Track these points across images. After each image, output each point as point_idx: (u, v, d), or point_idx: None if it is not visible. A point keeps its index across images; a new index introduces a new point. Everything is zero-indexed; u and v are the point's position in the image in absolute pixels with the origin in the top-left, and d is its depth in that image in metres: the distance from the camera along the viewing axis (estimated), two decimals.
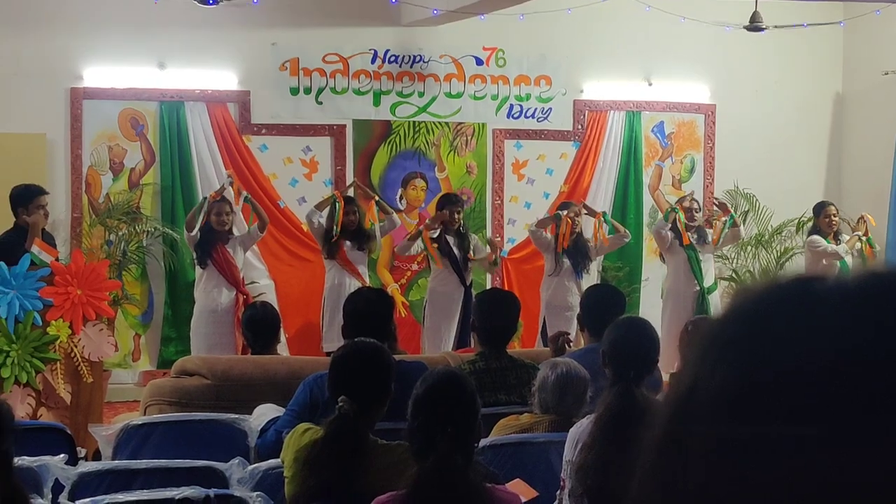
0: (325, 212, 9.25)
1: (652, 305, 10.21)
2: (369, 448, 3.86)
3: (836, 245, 9.62)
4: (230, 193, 9.26)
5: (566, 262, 9.31)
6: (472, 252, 9.23)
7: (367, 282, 8.99)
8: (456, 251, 9.13)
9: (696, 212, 9.59)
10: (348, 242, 9.06)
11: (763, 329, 0.63)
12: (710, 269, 9.48)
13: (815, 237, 9.74)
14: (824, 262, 9.57)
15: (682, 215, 9.53)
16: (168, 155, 10.22)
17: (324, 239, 9.14)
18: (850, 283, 0.64)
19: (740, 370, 0.62)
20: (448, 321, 9.11)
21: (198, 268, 9.09)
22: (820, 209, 9.88)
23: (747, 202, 11.18)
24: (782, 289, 0.65)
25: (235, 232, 9.11)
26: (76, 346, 7.29)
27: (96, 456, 5.45)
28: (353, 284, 8.54)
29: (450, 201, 9.37)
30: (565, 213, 9.36)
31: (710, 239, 9.59)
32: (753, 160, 11.19)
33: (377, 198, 9.67)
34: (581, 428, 4.23)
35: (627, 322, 4.73)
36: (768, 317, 0.64)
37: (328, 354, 8.54)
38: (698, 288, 9.27)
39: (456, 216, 9.20)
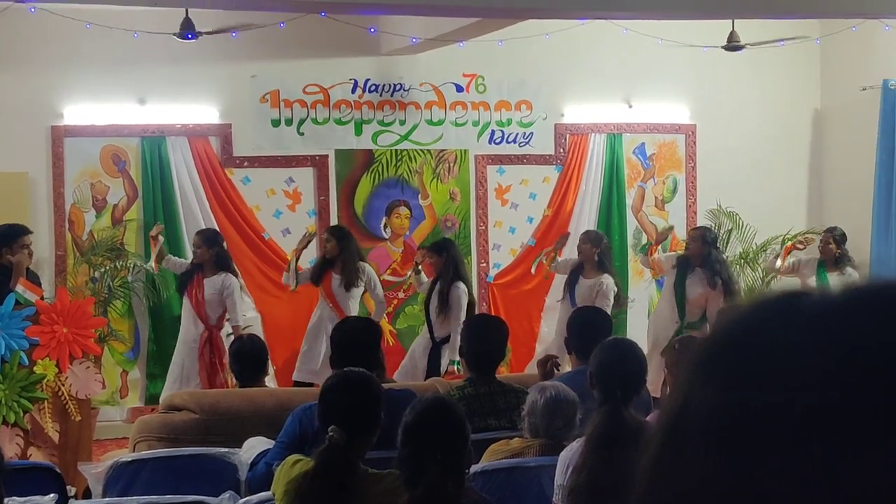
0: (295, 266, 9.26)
1: (638, 327, 10.22)
2: (360, 477, 3.85)
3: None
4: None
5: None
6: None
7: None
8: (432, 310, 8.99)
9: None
10: (336, 276, 8.95)
11: (750, 346, 0.63)
12: (698, 303, 9.26)
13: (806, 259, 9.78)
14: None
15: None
16: (150, 190, 10.22)
17: (312, 271, 9.11)
18: (834, 296, 0.64)
19: (729, 390, 0.62)
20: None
21: None
22: (824, 235, 9.78)
23: (730, 221, 11.22)
24: (768, 305, 0.66)
25: (222, 276, 8.95)
26: (63, 385, 7.26)
27: (86, 494, 5.42)
28: (334, 320, 8.38)
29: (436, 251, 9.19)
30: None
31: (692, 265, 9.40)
32: (735, 178, 11.23)
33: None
34: (571, 451, 4.23)
35: (614, 344, 4.74)
36: (755, 334, 0.64)
37: (296, 384, 8.58)
38: (678, 323, 9.19)
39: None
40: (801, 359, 0.61)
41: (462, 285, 8.87)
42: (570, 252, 9.82)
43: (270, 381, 8.46)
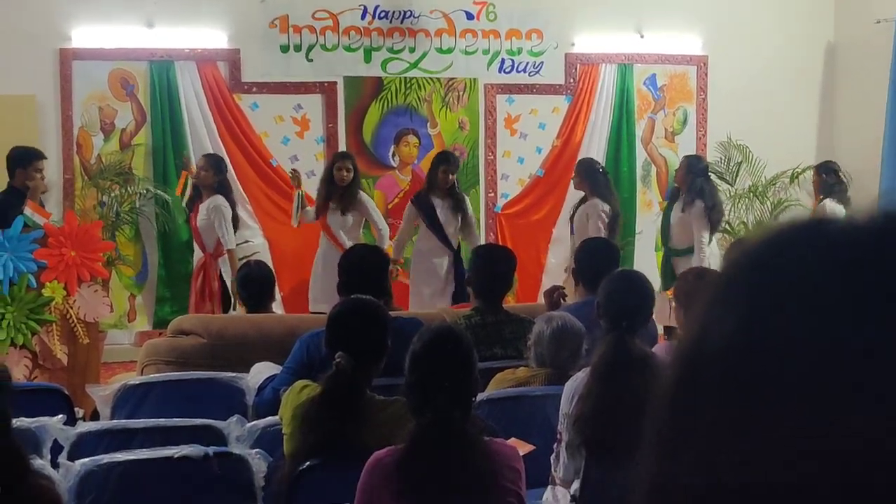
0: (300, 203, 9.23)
1: (646, 259, 10.22)
2: (367, 404, 3.87)
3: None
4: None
5: None
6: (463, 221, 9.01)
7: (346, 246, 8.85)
8: (442, 214, 8.97)
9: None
10: (333, 205, 8.92)
11: (773, 274, 0.62)
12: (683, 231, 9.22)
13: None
14: None
15: None
16: (159, 115, 10.18)
17: (317, 198, 9.08)
18: (861, 222, 0.63)
19: (751, 319, 0.61)
20: (430, 285, 9.00)
21: None
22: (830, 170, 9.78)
23: (740, 153, 11.17)
24: (791, 231, 0.64)
25: (212, 198, 8.95)
26: (71, 308, 7.30)
27: (94, 416, 5.47)
28: (333, 252, 8.37)
29: (442, 160, 9.20)
30: None
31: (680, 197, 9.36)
32: (746, 111, 11.16)
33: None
34: (577, 381, 4.25)
35: (622, 275, 4.74)
36: (778, 261, 0.63)
37: (314, 314, 8.59)
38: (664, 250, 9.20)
39: (450, 177, 9.02)
40: (828, 286, 0.60)
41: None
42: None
43: (278, 308, 8.48)
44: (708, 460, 0.60)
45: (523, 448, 4.07)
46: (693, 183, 9.16)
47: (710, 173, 9.56)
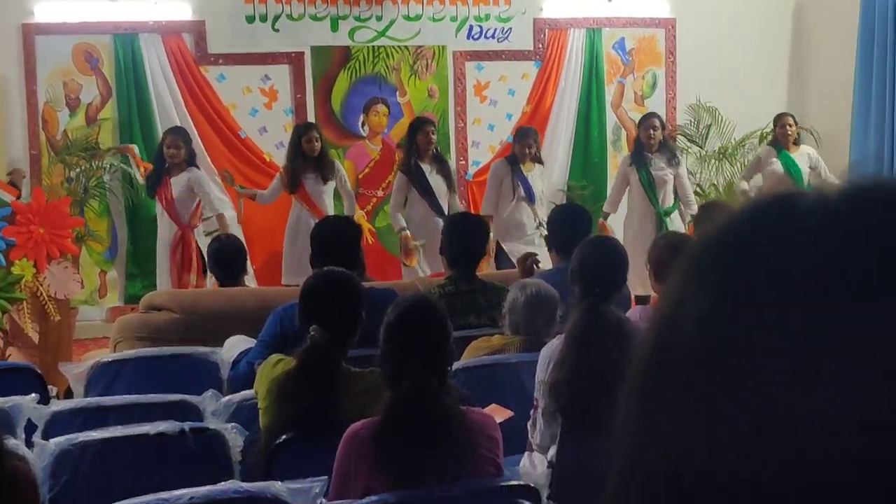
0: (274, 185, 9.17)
1: (618, 223, 10.21)
2: (342, 376, 3.86)
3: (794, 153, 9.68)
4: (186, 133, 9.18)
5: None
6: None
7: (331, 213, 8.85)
8: (432, 180, 8.92)
9: (655, 130, 9.41)
10: (310, 175, 8.87)
11: (745, 249, 0.61)
12: (670, 189, 9.31)
13: (760, 152, 9.85)
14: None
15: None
16: (124, 89, 10.09)
17: (287, 175, 8.97)
18: (832, 195, 0.62)
19: (724, 296, 0.60)
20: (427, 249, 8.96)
21: None
22: (777, 120, 9.88)
23: (710, 116, 11.18)
24: (763, 206, 0.63)
25: (188, 170, 8.90)
26: (41, 285, 7.24)
27: (68, 394, 5.44)
28: (313, 221, 8.35)
29: (423, 122, 9.17)
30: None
31: (677, 157, 9.49)
32: (715, 73, 11.15)
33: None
34: (552, 347, 4.26)
35: (596, 241, 4.76)
36: (750, 236, 0.62)
37: (287, 286, 8.55)
38: (655, 211, 9.22)
39: (433, 138, 9.00)
40: (798, 257, 0.59)
41: None
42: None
43: (250, 281, 8.45)
44: (677, 444, 0.59)
45: (501, 414, 4.08)
46: (664, 140, 9.30)
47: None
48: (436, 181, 8.86)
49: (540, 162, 9.35)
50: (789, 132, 9.68)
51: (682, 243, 5.68)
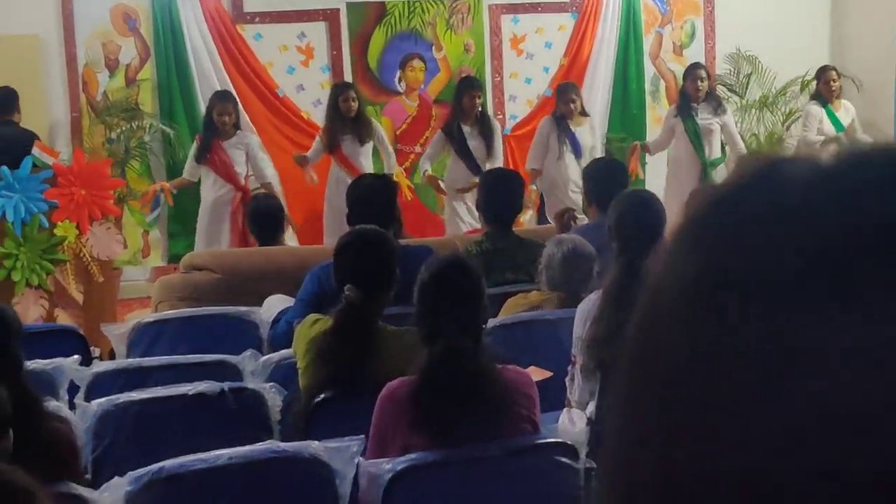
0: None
1: (657, 175, 10.16)
2: (378, 335, 3.88)
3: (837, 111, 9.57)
4: None
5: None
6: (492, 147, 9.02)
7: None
8: (472, 142, 8.93)
9: (703, 80, 9.37)
10: (347, 136, 8.87)
11: (735, 213, 0.60)
12: (716, 140, 9.29)
13: (811, 109, 9.71)
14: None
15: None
16: (163, 50, 10.12)
17: (326, 135, 8.97)
18: (825, 162, 0.60)
19: (711, 259, 0.59)
20: (467, 209, 8.96)
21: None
22: (820, 74, 9.76)
23: (750, 65, 11.06)
24: (756, 170, 0.62)
25: (239, 135, 8.91)
26: (84, 246, 7.31)
27: (112, 355, 5.50)
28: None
29: (468, 86, 9.15)
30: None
31: (723, 105, 9.46)
32: (755, 21, 11.00)
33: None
34: (590, 303, 4.24)
35: (632, 196, 4.72)
36: (741, 200, 0.61)
37: (326, 246, 8.57)
38: (701, 162, 9.16)
39: (478, 101, 9.00)
40: (783, 226, 0.58)
41: None
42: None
43: (291, 241, 8.49)
44: (661, 422, 0.59)
45: (540, 375, 4.09)
46: (710, 90, 9.35)
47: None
48: (476, 144, 8.85)
49: (585, 114, 9.31)
50: (833, 87, 9.57)
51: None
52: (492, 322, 4.33)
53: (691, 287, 0.59)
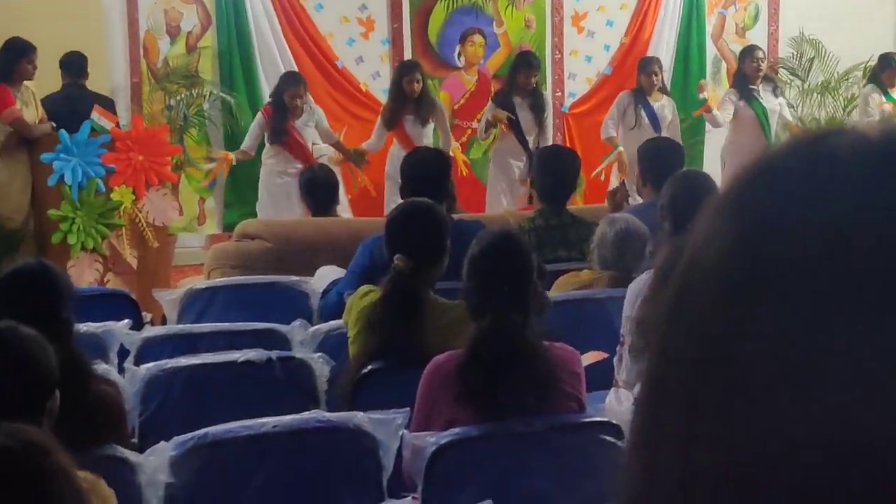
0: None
1: (715, 159, 10.07)
2: (429, 306, 3.88)
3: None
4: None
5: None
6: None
7: None
8: (522, 116, 8.90)
9: (762, 61, 9.32)
10: (410, 116, 8.84)
11: (776, 188, 0.59)
12: (776, 121, 9.26)
13: (870, 93, 9.56)
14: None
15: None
16: (224, 18, 10.15)
17: (388, 113, 8.93)
18: (872, 136, 0.59)
19: (742, 234, 0.59)
20: (506, 184, 9.01)
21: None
22: (885, 63, 9.60)
23: (813, 48, 10.90)
24: (799, 144, 0.61)
25: (308, 112, 8.86)
26: (140, 212, 7.38)
27: (163, 321, 5.55)
28: None
29: (524, 63, 9.14)
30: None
31: (780, 87, 9.41)
32: (818, 5, 10.84)
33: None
34: (640, 283, 4.21)
35: (686, 176, 4.68)
36: (782, 175, 0.60)
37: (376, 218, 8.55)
38: (767, 143, 9.07)
39: (532, 80, 8.98)
40: (826, 198, 0.56)
41: None
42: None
43: (345, 212, 8.50)
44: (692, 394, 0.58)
45: (595, 358, 4.07)
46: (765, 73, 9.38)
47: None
48: (524, 115, 8.83)
49: (665, 91, 9.27)
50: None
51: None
52: None
53: (726, 261, 0.59)
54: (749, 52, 9.44)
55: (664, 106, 9.14)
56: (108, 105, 8.14)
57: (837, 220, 0.56)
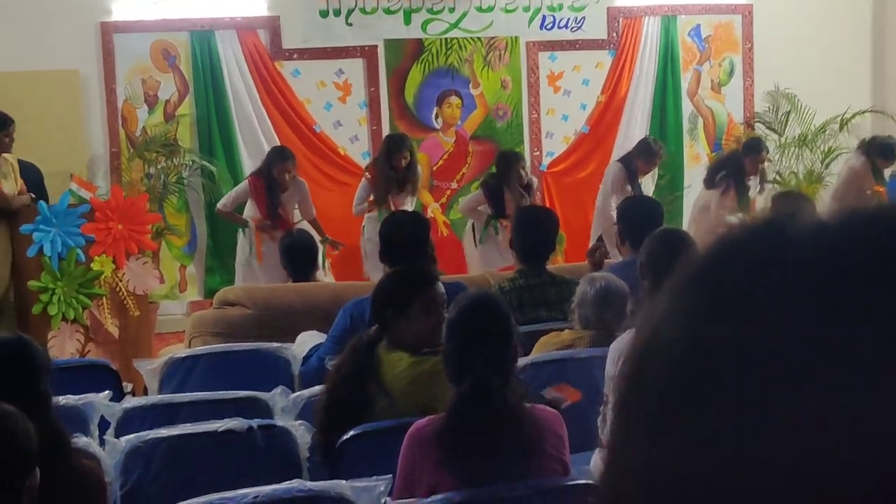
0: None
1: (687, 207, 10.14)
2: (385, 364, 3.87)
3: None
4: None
5: None
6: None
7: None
8: (510, 206, 8.89)
9: (766, 162, 9.48)
10: (395, 190, 8.80)
11: (728, 274, 0.59)
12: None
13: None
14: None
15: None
16: (202, 85, 10.20)
17: (376, 191, 8.91)
18: (829, 223, 0.59)
19: (702, 319, 0.58)
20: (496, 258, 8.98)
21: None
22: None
23: (789, 102, 11.00)
24: (755, 229, 0.61)
25: (293, 185, 8.83)
26: (121, 281, 7.36)
27: (145, 391, 5.51)
28: None
29: (516, 158, 9.16)
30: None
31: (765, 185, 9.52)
32: (793, 59, 10.96)
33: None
34: (622, 342, 4.21)
35: (664, 234, 4.69)
36: (736, 260, 0.60)
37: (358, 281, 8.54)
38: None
39: (522, 173, 8.99)
40: (779, 290, 0.56)
41: None
42: None
43: (327, 275, 8.50)
44: (651, 460, 0.58)
45: (571, 394, 4.05)
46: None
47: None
48: (513, 206, 8.90)
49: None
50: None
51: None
52: (524, 360, 4.31)
53: (688, 338, 0.59)
54: (755, 149, 9.44)
55: (648, 179, 9.23)
56: (32, 172, 7.94)
57: (785, 311, 0.56)
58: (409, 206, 8.88)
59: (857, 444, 0.53)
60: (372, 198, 8.90)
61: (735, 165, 9.35)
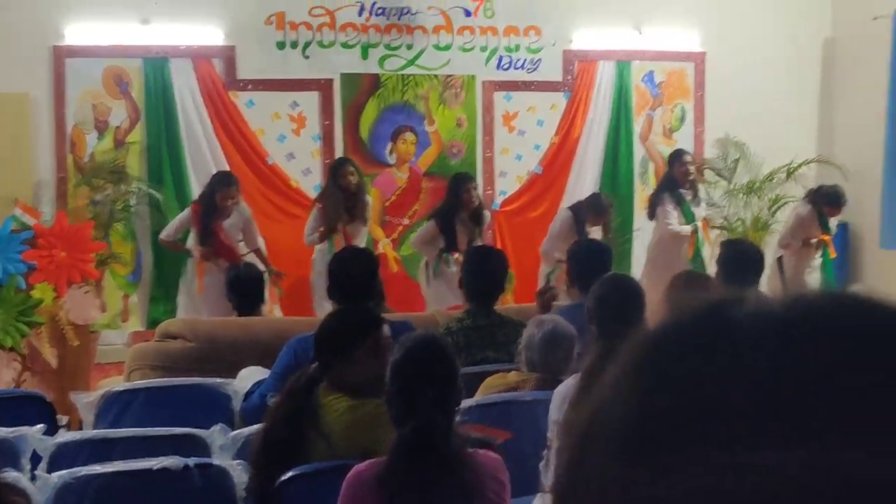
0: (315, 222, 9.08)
1: (642, 256, 10.17)
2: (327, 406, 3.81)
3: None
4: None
5: None
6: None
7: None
8: (460, 238, 8.93)
9: (691, 165, 9.56)
10: (346, 219, 8.85)
11: (668, 357, 0.58)
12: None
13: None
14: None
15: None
16: (154, 113, 10.11)
17: (325, 218, 8.91)
18: (773, 308, 0.59)
19: (645, 401, 0.57)
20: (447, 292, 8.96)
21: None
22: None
23: (738, 150, 11.10)
24: (702, 313, 0.60)
25: (236, 212, 8.84)
26: (61, 310, 7.23)
27: (81, 425, 5.40)
28: None
29: (465, 179, 9.29)
30: None
31: (699, 197, 9.63)
32: (744, 108, 11.06)
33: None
34: (567, 387, 4.19)
35: (612, 279, 4.67)
36: (682, 345, 0.59)
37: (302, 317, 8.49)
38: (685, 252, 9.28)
39: (474, 192, 9.06)
40: (728, 375, 0.56)
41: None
42: None
43: (275, 309, 8.42)
44: None
45: (498, 434, 4.00)
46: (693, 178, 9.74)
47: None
48: (464, 237, 8.90)
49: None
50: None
51: (704, 281, 5.61)
52: (468, 402, 4.26)
53: (623, 422, 0.58)
54: (678, 156, 9.63)
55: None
56: None
57: (746, 387, 0.55)
58: (360, 236, 8.85)
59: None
60: (322, 228, 8.87)
61: (666, 179, 9.73)
